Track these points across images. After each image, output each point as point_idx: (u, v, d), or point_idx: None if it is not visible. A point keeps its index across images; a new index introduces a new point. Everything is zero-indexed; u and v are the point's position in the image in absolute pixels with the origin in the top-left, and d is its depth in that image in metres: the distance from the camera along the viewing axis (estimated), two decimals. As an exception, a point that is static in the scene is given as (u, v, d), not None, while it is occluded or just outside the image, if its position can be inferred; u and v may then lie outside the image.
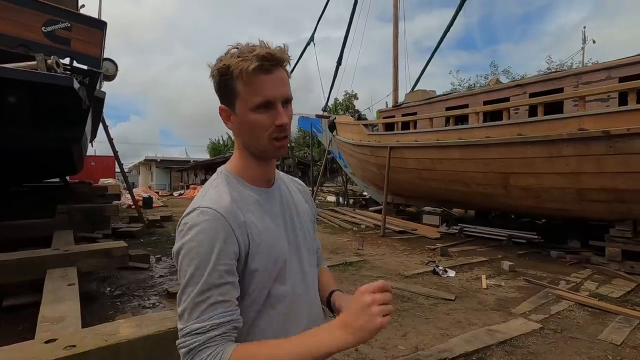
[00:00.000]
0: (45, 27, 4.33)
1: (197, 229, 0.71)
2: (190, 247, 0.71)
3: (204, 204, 0.75)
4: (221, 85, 0.80)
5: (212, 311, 0.69)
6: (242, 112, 0.79)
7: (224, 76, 0.78)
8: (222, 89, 0.80)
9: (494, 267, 5.70)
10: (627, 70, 5.32)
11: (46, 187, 8.46)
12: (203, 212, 0.74)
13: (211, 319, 0.68)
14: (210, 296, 0.69)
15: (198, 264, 0.70)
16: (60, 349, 1.58)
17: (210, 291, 0.69)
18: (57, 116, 4.35)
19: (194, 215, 0.74)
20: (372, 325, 0.65)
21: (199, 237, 0.71)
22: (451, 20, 11.07)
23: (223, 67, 0.77)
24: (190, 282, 0.70)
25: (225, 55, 0.79)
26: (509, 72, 23.82)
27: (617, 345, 3.07)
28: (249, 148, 0.84)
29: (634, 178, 4.93)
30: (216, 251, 0.70)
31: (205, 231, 0.71)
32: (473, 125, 6.85)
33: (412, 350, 2.97)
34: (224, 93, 0.81)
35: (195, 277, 0.69)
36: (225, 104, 0.82)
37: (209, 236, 0.71)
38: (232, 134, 0.87)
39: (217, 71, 0.79)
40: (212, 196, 0.78)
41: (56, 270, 3.31)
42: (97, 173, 17.84)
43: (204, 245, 0.70)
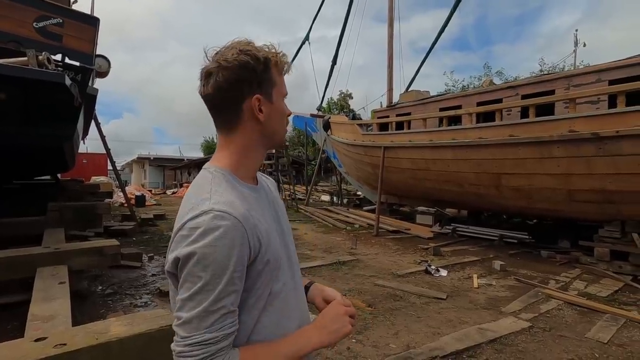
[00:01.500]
0: (37, 22, 4.27)
1: (214, 234, 0.67)
2: (206, 253, 0.66)
3: (217, 207, 0.70)
4: (261, 74, 0.79)
5: (224, 321, 0.68)
6: (279, 101, 0.84)
7: (263, 65, 0.79)
8: (260, 78, 0.79)
9: (486, 266, 5.76)
10: (616, 74, 5.41)
11: (37, 185, 8.35)
12: (219, 216, 0.69)
13: (223, 329, 0.67)
14: (224, 306, 0.67)
15: (214, 271, 0.66)
16: (50, 347, 1.57)
17: (224, 300, 0.67)
18: (48, 113, 4.30)
19: (208, 219, 0.68)
20: (344, 330, 0.82)
21: (218, 243, 0.67)
22: (446, 21, 11.14)
23: (264, 57, 0.79)
24: (203, 289, 0.67)
25: (252, 46, 0.80)
26: (502, 73, 24.12)
27: (604, 343, 3.13)
28: (272, 137, 0.85)
29: (622, 179, 5.02)
30: (234, 259, 0.68)
31: (223, 237, 0.67)
32: (466, 126, 6.91)
33: (403, 349, 3.00)
34: (260, 82, 0.79)
35: (209, 285, 0.66)
36: (261, 93, 0.80)
37: (226, 243, 0.67)
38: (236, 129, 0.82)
39: (257, 60, 0.78)
40: (223, 199, 0.73)
41: (46, 268, 3.28)
42: (89, 171, 17.64)
43: (222, 252, 0.67)
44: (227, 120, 0.82)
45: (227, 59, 0.76)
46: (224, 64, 0.76)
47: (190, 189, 0.80)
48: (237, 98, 0.79)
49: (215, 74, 0.77)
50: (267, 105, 0.81)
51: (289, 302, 0.83)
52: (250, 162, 0.85)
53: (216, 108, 0.82)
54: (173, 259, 0.70)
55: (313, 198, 16.64)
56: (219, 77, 0.77)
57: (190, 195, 0.78)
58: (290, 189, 15.51)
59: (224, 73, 0.76)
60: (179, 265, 0.69)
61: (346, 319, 0.83)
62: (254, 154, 0.85)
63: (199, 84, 0.81)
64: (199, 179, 0.82)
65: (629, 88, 4.84)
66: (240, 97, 0.79)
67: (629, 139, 4.78)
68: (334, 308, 0.85)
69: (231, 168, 0.82)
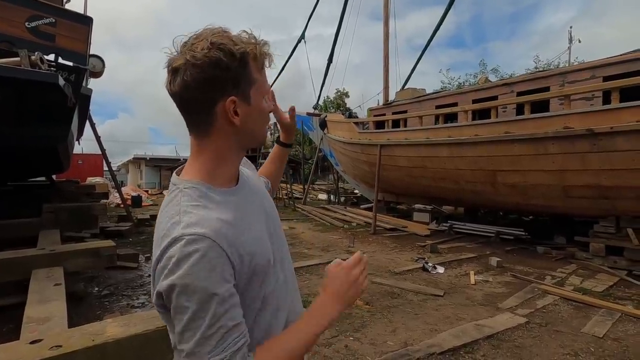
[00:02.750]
0: (29, 22, 4.23)
1: (189, 261, 0.62)
2: (186, 283, 0.62)
3: (188, 231, 0.64)
4: (236, 72, 0.69)
5: (226, 340, 0.64)
6: (258, 101, 0.74)
7: (239, 62, 0.68)
8: (236, 77, 0.69)
9: (482, 263, 5.79)
10: (610, 70, 5.45)
11: (31, 186, 8.29)
12: (191, 241, 0.63)
13: (228, 348, 0.64)
14: (221, 326, 0.64)
15: (200, 298, 0.62)
16: (46, 349, 1.56)
17: (220, 321, 0.64)
18: (41, 114, 4.27)
19: (180, 247, 0.63)
20: (359, 294, 0.79)
21: (194, 269, 0.62)
22: (441, 18, 11.16)
23: (241, 52, 0.67)
24: (195, 318, 0.63)
25: (227, 37, 0.68)
26: (498, 70, 24.16)
27: (599, 337, 3.15)
28: (250, 140, 0.78)
29: (616, 175, 5.06)
30: (217, 280, 0.64)
31: (199, 263, 0.63)
32: (462, 123, 6.93)
33: (401, 346, 3.00)
34: (236, 82, 0.70)
35: (200, 312, 0.63)
36: (236, 94, 0.70)
37: (205, 267, 0.63)
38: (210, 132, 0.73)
39: (231, 57, 0.67)
40: (194, 219, 0.66)
41: (42, 270, 3.26)
42: (85, 172, 17.51)
43: (200, 278, 0.62)
44: (198, 124, 0.73)
45: (195, 55, 0.65)
46: (192, 61, 0.65)
47: (161, 209, 0.73)
48: (208, 101, 0.69)
49: (182, 71, 0.66)
50: (244, 107, 0.72)
51: (282, 295, 0.82)
52: (227, 168, 0.77)
53: (185, 109, 0.72)
54: (157, 294, 0.66)
55: (310, 197, 16.63)
56: (186, 76, 0.66)
57: (161, 219, 0.71)
58: (287, 187, 15.50)
59: (192, 71, 0.66)
60: (164, 299, 0.65)
61: (359, 282, 0.78)
62: (231, 159, 0.77)
63: (166, 78, 0.70)
64: (168, 198, 0.74)
65: (623, 84, 4.88)
66: (212, 99, 0.69)
67: (623, 135, 4.82)
68: (345, 275, 0.78)
69: (204, 178, 0.74)
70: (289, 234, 8.25)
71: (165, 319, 0.71)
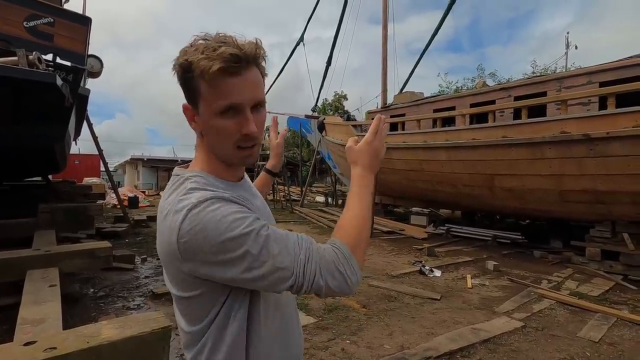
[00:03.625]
0: (27, 22, 4.22)
1: (217, 216, 0.63)
2: (228, 237, 0.62)
3: (203, 196, 0.65)
4: (184, 82, 0.71)
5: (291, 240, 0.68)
6: (206, 115, 0.71)
7: (187, 73, 0.69)
8: (185, 86, 0.72)
9: (479, 266, 5.80)
10: (607, 76, 5.49)
11: (27, 186, 8.24)
12: (209, 202, 0.64)
13: (301, 245, 0.68)
14: (279, 236, 0.67)
15: (252, 240, 0.63)
16: (40, 351, 1.54)
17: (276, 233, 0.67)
18: (38, 113, 4.26)
19: (199, 210, 0.63)
20: (382, 159, 0.88)
21: (226, 220, 0.63)
22: (439, 22, 11.23)
23: (185, 62, 0.68)
24: (254, 247, 0.63)
25: (190, 47, 0.69)
26: (495, 75, 24.29)
27: (595, 342, 3.16)
28: (214, 153, 0.76)
29: (612, 180, 5.09)
30: (249, 219, 0.65)
31: (228, 214, 0.64)
32: (460, 127, 6.96)
33: (398, 349, 3.00)
34: (186, 91, 0.72)
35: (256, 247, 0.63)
36: (189, 102, 0.73)
37: (234, 215, 0.64)
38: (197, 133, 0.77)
39: (179, 66, 0.69)
40: (206, 194, 0.67)
41: (37, 271, 3.23)
42: (81, 172, 17.45)
43: (237, 225, 0.63)
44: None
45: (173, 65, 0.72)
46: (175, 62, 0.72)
47: (164, 198, 0.73)
48: (184, 105, 0.75)
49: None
50: (198, 118, 0.73)
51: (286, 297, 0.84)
52: (222, 169, 0.77)
53: None
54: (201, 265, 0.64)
55: (308, 199, 16.63)
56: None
57: (165, 204, 0.70)
58: (285, 190, 15.48)
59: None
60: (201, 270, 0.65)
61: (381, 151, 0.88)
62: (218, 164, 0.77)
63: None
64: (171, 187, 0.74)
65: (619, 90, 4.92)
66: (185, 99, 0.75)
67: (619, 140, 4.85)
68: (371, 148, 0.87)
69: (209, 170, 0.76)
70: (286, 236, 8.23)
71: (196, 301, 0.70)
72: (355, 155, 0.87)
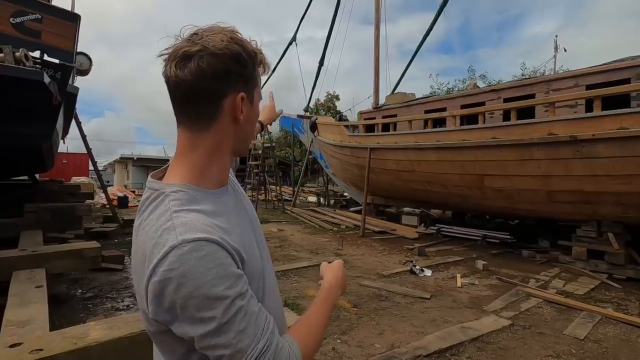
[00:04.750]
0: (14, 18, 4.14)
1: (199, 270, 0.57)
2: (203, 294, 0.57)
3: (188, 236, 0.59)
4: (249, 70, 0.71)
5: (259, 324, 0.62)
6: (257, 103, 0.77)
7: (252, 61, 0.70)
8: (247, 75, 0.71)
9: (469, 266, 5.87)
10: (593, 79, 5.60)
11: (13, 185, 8.08)
12: (195, 247, 0.58)
13: (264, 331, 0.63)
14: (251, 313, 0.61)
15: (223, 305, 0.58)
16: (26, 353, 1.52)
17: (248, 312, 0.61)
18: (25, 112, 4.18)
19: (182, 255, 0.57)
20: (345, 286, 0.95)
21: (206, 278, 0.57)
22: (431, 24, 11.33)
23: (253, 52, 0.70)
24: (224, 316, 0.58)
25: (240, 36, 0.70)
26: (486, 77, 24.61)
27: (580, 339, 3.23)
28: (244, 142, 0.78)
29: (598, 181, 5.20)
30: (231, 282, 0.60)
31: (210, 269, 0.58)
32: (450, 128, 7.03)
33: (388, 348, 3.02)
34: (247, 80, 0.71)
35: (226, 315, 0.58)
36: (245, 91, 0.71)
37: (217, 273, 0.59)
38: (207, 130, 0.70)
39: (248, 54, 0.69)
40: (191, 224, 0.61)
41: (23, 272, 3.17)
42: (69, 171, 17.18)
43: (216, 284, 0.58)
44: (201, 116, 0.69)
45: (215, 45, 0.64)
46: (211, 49, 0.64)
47: (143, 217, 0.67)
48: (220, 92, 0.68)
49: (197, 58, 0.64)
50: (247, 107, 0.72)
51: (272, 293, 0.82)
52: (219, 167, 0.74)
53: (190, 99, 0.67)
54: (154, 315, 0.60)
55: (300, 199, 16.61)
56: (202, 63, 0.64)
57: (146, 228, 0.64)
58: (277, 190, 15.44)
59: (210, 60, 0.64)
60: (170, 318, 0.60)
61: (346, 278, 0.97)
62: (225, 158, 0.75)
63: (167, 65, 0.66)
64: (151, 205, 0.68)
65: (605, 93, 5.02)
66: (223, 92, 0.68)
67: (604, 142, 4.96)
68: (341, 269, 0.95)
69: (193, 179, 0.70)
70: (278, 237, 8.22)
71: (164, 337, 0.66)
72: (327, 269, 0.94)
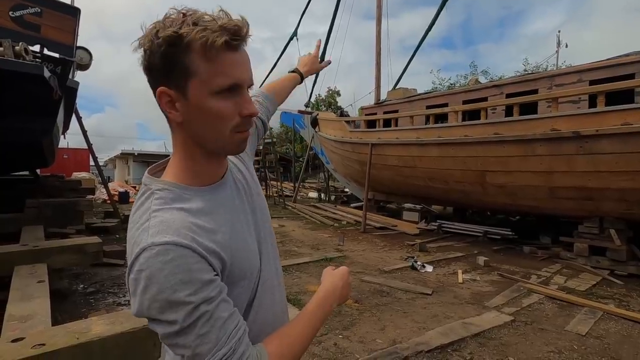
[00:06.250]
0: (13, 11, 4.11)
1: (163, 274, 0.57)
2: (165, 298, 0.57)
3: (157, 239, 0.58)
4: (167, 59, 0.60)
5: (227, 330, 0.60)
6: (198, 96, 0.62)
7: (173, 47, 0.59)
8: (168, 65, 0.61)
9: (470, 262, 5.87)
10: (596, 74, 5.56)
11: (14, 181, 8.08)
12: (161, 251, 0.57)
13: (230, 338, 0.60)
14: (216, 318, 0.59)
15: (185, 310, 0.57)
16: (28, 347, 1.52)
17: (213, 317, 0.59)
18: (25, 106, 4.16)
19: (149, 257, 0.57)
20: (349, 294, 0.89)
21: (170, 282, 0.57)
22: (433, 19, 11.23)
23: (173, 35, 0.58)
24: (186, 320, 0.58)
25: (168, 20, 0.60)
26: (488, 72, 24.50)
27: (582, 335, 3.23)
28: (203, 143, 0.67)
29: (601, 177, 5.17)
30: (196, 287, 0.58)
31: (174, 274, 0.57)
32: (452, 123, 7.00)
33: (390, 344, 3.02)
34: (168, 71, 0.61)
35: (188, 320, 0.58)
36: (168, 85, 0.62)
37: (181, 278, 0.57)
38: (171, 126, 0.68)
39: (163, 40, 0.59)
40: (164, 225, 0.60)
41: (25, 266, 3.17)
42: (70, 166, 17.19)
43: (179, 289, 0.57)
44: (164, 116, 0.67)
45: (142, 41, 0.62)
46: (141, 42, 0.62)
47: (132, 212, 0.68)
48: (154, 89, 0.64)
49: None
50: (182, 102, 0.63)
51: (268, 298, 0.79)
52: (199, 167, 0.69)
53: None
54: (136, 310, 0.60)
55: (301, 195, 16.60)
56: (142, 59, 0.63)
57: (131, 224, 0.66)
58: (278, 185, 15.44)
59: (143, 55, 0.62)
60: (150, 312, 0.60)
61: (350, 285, 0.88)
62: (199, 157, 0.69)
63: None
64: (139, 201, 0.68)
65: (609, 88, 4.99)
66: (154, 87, 0.64)
67: (607, 137, 4.93)
68: (343, 278, 0.86)
69: (182, 177, 0.68)
70: (279, 232, 8.22)
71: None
72: (327, 275, 0.87)
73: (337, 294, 0.82)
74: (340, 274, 0.86)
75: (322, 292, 0.81)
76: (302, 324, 0.74)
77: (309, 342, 0.74)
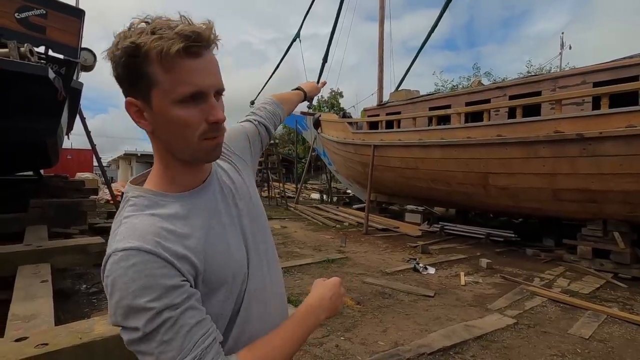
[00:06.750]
0: (19, 13, 4.14)
1: (124, 280, 0.56)
2: (127, 304, 0.56)
3: (121, 245, 0.58)
4: (128, 70, 0.61)
5: (193, 337, 0.59)
6: (161, 106, 0.61)
7: (133, 58, 0.59)
8: (130, 76, 0.61)
9: (473, 264, 5.84)
10: (600, 76, 5.53)
11: (18, 181, 8.12)
12: (124, 257, 0.57)
13: (196, 346, 0.58)
14: (182, 325, 0.58)
15: (147, 317, 0.56)
16: (32, 347, 1.53)
17: (178, 323, 0.58)
18: (30, 107, 4.19)
19: (113, 263, 0.58)
20: (341, 305, 0.87)
21: (131, 288, 0.56)
22: (436, 21, 11.22)
23: (131, 46, 0.58)
24: (147, 326, 0.56)
25: (130, 30, 0.60)
26: (491, 74, 24.44)
27: (585, 339, 3.20)
28: (173, 152, 0.67)
29: (604, 179, 5.14)
30: (159, 294, 0.57)
31: (136, 280, 0.57)
32: (455, 125, 6.98)
33: (392, 346, 3.02)
34: (132, 81, 0.62)
35: (150, 326, 0.56)
36: (135, 95, 0.63)
37: (143, 284, 0.57)
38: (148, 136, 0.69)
39: (122, 52, 0.59)
40: (130, 231, 0.60)
41: (28, 266, 3.19)
42: (74, 167, 17.26)
43: (141, 295, 0.56)
44: None
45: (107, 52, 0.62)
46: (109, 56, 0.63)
47: (116, 215, 0.70)
48: (124, 95, 0.65)
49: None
50: (148, 112, 0.64)
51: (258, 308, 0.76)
52: (178, 174, 0.69)
53: None
54: (109, 317, 0.62)
55: (303, 196, 16.61)
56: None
57: (112, 225, 0.67)
58: (280, 186, 15.45)
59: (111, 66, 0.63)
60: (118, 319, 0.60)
61: (342, 296, 0.86)
62: (174, 164, 0.69)
63: None
64: (120, 208, 0.69)
65: (613, 90, 4.96)
66: (124, 94, 0.65)
67: (611, 140, 4.90)
68: (333, 289, 0.84)
69: (160, 184, 0.68)
70: (281, 233, 8.23)
71: None
72: (318, 286, 0.85)
73: (325, 305, 0.80)
74: (330, 284, 0.84)
75: (307, 304, 0.79)
76: (283, 336, 0.72)
77: (292, 354, 0.72)
